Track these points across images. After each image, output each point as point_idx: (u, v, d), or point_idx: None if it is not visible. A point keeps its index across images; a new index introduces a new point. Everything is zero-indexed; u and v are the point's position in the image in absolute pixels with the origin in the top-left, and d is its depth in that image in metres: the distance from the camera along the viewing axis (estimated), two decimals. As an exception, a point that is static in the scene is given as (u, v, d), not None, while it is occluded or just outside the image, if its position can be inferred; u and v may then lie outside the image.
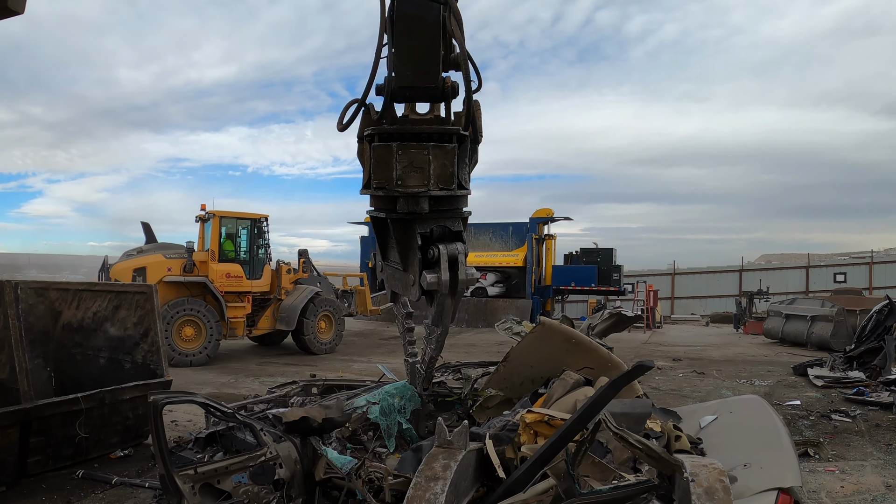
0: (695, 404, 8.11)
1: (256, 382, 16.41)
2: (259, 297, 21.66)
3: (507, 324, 9.40)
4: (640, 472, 4.87)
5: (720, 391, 15.08)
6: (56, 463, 8.77)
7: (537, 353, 7.26)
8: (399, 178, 4.17)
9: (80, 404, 8.67)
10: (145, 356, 10.34)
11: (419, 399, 8.21)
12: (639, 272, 46.84)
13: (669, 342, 27.13)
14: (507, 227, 38.23)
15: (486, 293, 36.24)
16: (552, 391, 6.39)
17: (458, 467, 4.42)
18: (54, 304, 11.67)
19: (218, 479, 5.66)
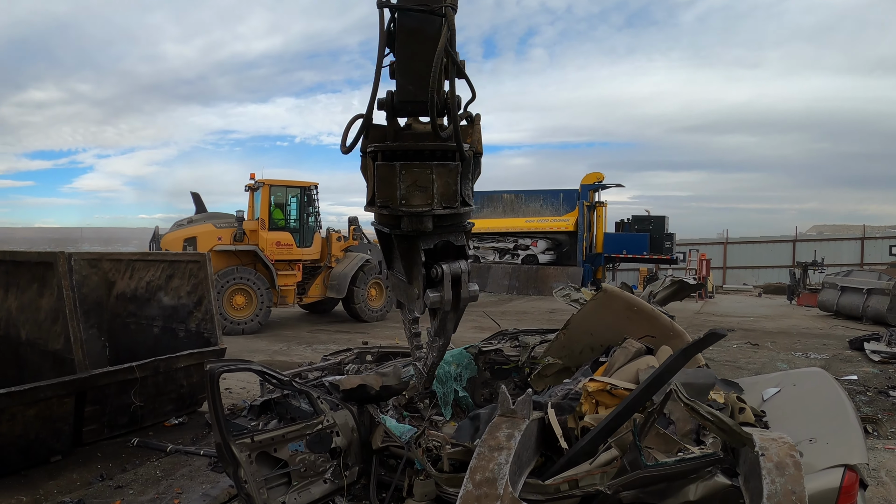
0: (757, 376, 7.93)
1: (308, 350, 16.46)
2: (309, 265, 21.69)
3: (565, 290, 9.26)
4: (704, 445, 4.74)
5: (775, 363, 14.87)
6: (111, 431, 8.83)
7: (598, 320, 7.11)
8: (403, 198, 4.14)
9: (135, 373, 8.70)
10: (199, 324, 10.37)
11: (475, 367, 8.13)
12: (691, 241, 46.10)
13: (722, 312, 26.81)
14: (557, 193, 37.97)
15: (536, 260, 36.10)
16: (613, 360, 6.25)
17: (521, 437, 4.33)
18: (108, 274, 11.72)
19: (274, 447, 5.61)
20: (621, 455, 4.49)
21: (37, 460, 7.87)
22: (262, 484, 5.43)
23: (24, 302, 9.55)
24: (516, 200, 39.25)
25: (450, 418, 7.50)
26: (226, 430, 5.30)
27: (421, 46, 4.07)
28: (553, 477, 4.52)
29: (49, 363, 8.85)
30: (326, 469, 5.90)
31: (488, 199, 39.89)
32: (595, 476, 4.40)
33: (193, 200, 22.86)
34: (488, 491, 3.86)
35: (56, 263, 8.35)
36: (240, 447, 5.34)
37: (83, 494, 7.14)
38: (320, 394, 6.21)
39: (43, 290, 9.02)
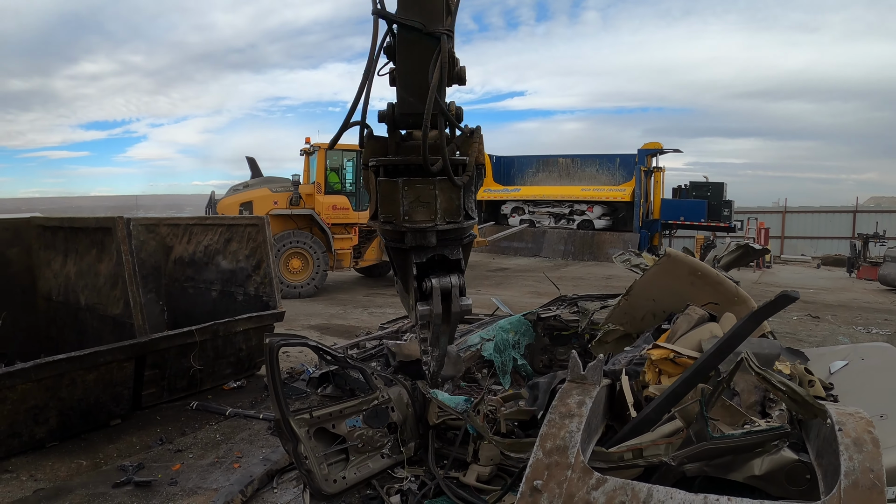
0: (822, 348, 7.75)
1: (365, 314, 16.49)
2: (365, 228, 21.61)
3: (625, 255, 9.12)
4: (770, 418, 4.62)
5: (837, 337, 14.57)
6: (170, 395, 8.90)
7: (661, 285, 6.97)
8: (406, 214, 4.12)
9: (194, 337, 8.72)
10: (257, 288, 10.39)
11: (534, 333, 8.05)
12: (748, 209, 45.40)
13: (780, 283, 26.27)
14: (613, 158, 37.71)
15: (592, 226, 35.87)
16: (676, 327, 6.11)
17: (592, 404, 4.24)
18: (165, 239, 11.78)
19: (332, 423, 5.62)
20: (686, 426, 4.38)
21: (97, 424, 7.93)
22: (322, 459, 5.44)
23: (83, 268, 9.61)
24: (572, 165, 39.06)
25: (508, 387, 7.45)
26: (285, 407, 5.33)
27: (421, 59, 4.02)
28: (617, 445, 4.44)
29: (109, 328, 8.89)
30: (384, 444, 5.91)
31: (544, 164, 39.80)
32: (660, 447, 4.31)
33: (249, 165, 22.96)
34: (559, 459, 3.77)
35: (114, 228, 8.36)
36: (299, 423, 5.36)
37: (143, 458, 7.18)
38: (374, 369, 6.21)
39: (102, 255, 9.05)
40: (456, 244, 4.47)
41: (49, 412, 7.37)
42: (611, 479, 3.65)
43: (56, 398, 7.39)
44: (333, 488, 5.47)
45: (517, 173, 40.34)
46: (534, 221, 37.62)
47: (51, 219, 11.44)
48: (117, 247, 8.33)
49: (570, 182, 38.54)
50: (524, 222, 36.91)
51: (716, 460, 4.10)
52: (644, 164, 34.72)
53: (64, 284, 10.20)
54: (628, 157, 36.37)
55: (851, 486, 3.33)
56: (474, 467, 5.85)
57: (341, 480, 5.53)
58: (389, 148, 4.30)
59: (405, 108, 4.15)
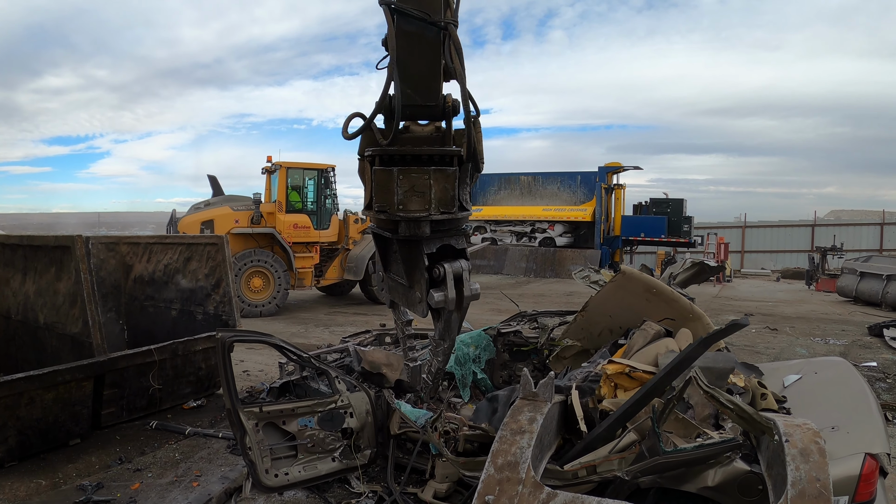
0: (777, 362, 7.89)
1: (326, 332, 16.48)
2: (327, 247, 21.70)
3: (585, 272, 9.22)
4: (723, 430, 4.72)
5: (794, 348, 14.81)
6: (130, 414, 8.85)
7: (617, 302, 7.07)
8: (400, 203, 4.13)
9: (153, 356, 8.71)
10: (217, 307, 10.38)
11: (494, 348, 8.12)
12: (709, 224, 45.87)
13: (740, 297, 26.71)
14: (574, 176, 37.95)
15: (554, 243, 36.06)
16: (632, 342, 6.21)
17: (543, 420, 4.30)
18: (125, 258, 11.75)
19: (283, 419, 5.69)
20: (640, 440, 4.47)
21: (56, 444, 7.89)
22: (267, 453, 5.51)
23: (42, 286, 9.58)
24: (533, 183, 39.27)
25: (468, 400, 7.52)
26: (235, 397, 5.45)
27: (419, 50, 4.07)
28: (571, 462, 4.51)
29: (67, 347, 8.88)
30: (336, 448, 5.96)
31: (505, 182, 39.99)
32: (613, 462, 4.39)
33: (210, 183, 22.92)
34: (510, 475, 3.84)
35: (73, 247, 8.36)
36: (248, 415, 5.45)
37: (102, 477, 7.16)
38: (339, 374, 6.23)
39: (60, 273, 9.03)
40: (460, 234, 4.51)
41: (7, 431, 7.33)
42: (561, 494, 3.72)
43: (14, 417, 7.35)
44: (274, 482, 5.55)
45: (479, 191, 40.41)
46: (496, 239, 37.76)
47: (10, 236, 11.39)
48: (76, 265, 8.33)
49: (531, 200, 38.76)
50: (486, 240, 37.04)
51: (669, 473, 4.18)
52: (605, 181, 35.01)
53: (23, 303, 10.15)
54: (589, 174, 36.63)
55: (798, 495, 3.43)
56: (432, 484, 5.90)
57: (283, 476, 5.62)
58: (386, 139, 4.29)
59: (403, 99, 4.17)
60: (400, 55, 4.07)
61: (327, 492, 6.43)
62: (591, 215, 34.88)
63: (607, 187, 35.27)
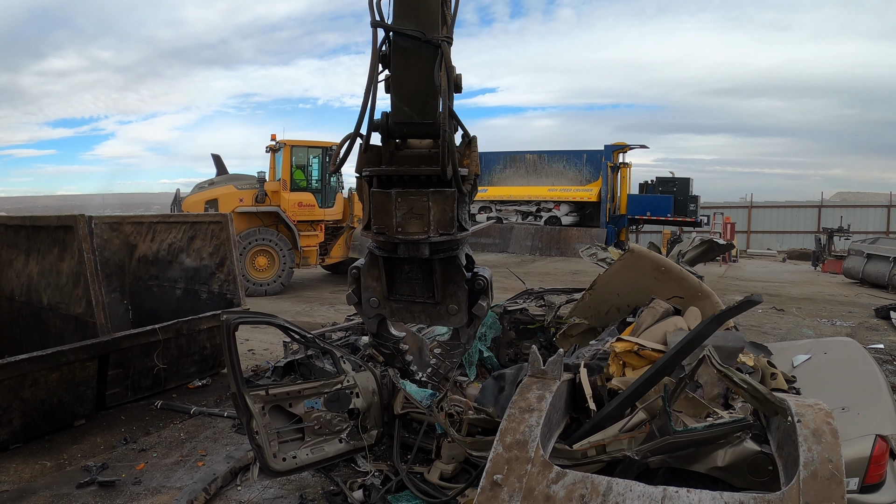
0: (786, 342, 7.86)
1: (332, 311, 16.46)
2: (331, 225, 21.73)
3: (592, 250, 9.15)
4: (733, 409, 4.67)
5: (801, 329, 14.73)
6: (134, 394, 8.85)
7: (625, 280, 7.00)
8: (399, 225, 4.15)
9: (158, 335, 8.69)
10: (221, 286, 10.35)
11: (500, 326, 8.07)
12: (715, 204, 45.63)
13: (746, 277, 26.60)
14: (580, 154, 37.80)
15: (559, 222, 35.95)
16: (640, 320, 6.14)
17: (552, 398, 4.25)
18: (129, 237, 11.71)
19: (290, 402, 5.64)
20: (649, 419, 4.42)
21: (60, 424, 7.88)
22: (274, 436, 5.47)
23: (45, 267, 9.53)
24: (539, 161, 39.15)
25: (474, 378, 7.47)
26: (240, 380, 5.39)
27: (416, 68, 4.06)
28: (580, 441, 4.46)
29: (71, 327, 8.84)
30: (343, 429, 5.92)
31: (511, 160, 39.88)
32: (623, 441, 4.34)
33: (214, 163, 22.87)
34: (519, 454, 3.79)
35: (76, 227, 8.32)
36: (253, 398, 5.41)
37: (107, 458, 7.15)
38: (344, 353, 6.18)
39: (63, 254, 8.98)
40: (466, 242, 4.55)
41: (12, 413, 7.31)
42: (570, 473, 3.67)
43: (19, 399, 7.33)
44: (282, 466, 5.50)
45: (484, 170, 40.23)
46: (501, 218, 37.68)
47: (12, 217, 11.38)
48: (79, 245, 8.28)
49: (537, 178, 38.66)
50: (491, 219, 36.96)
51: (679, 452, 4.13)
52: (611, 159, 34.86)
53: (26, 284, 10.11)
54: (595, 153, 36.49)
55: (810, 476, 3.37)
56: (438, 465, 5.87)
57: (291, 459, 5.57)
58: (383, 157, 4.29)
59: (399, 117, 4.16)
60: (397, 73, 4.09)
61: (333, 471, 6.41)
62: (597, 195, 34.75)
63: (613, 166, 35.12)
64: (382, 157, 4.29)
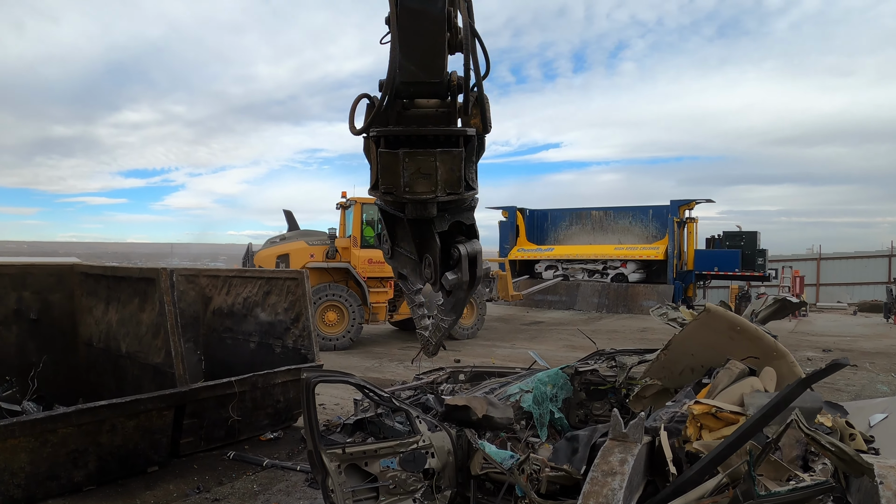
0: (862, 401, 7.73)
1: (401, 367, 16.49)
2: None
3: (663, 309, 9.11)
4: (813, 471, 4.63)
5: (875, 386, 14.41)
6: (207, 444, 9.00)
7: (700, 340, 6.97)
8: (407, 185, 4.14)
9: (234, 388, 8.86)
10: (296, 341, 10.48)
11: (571, 387, 8.06)
12: (782, 257, 44.99)
13: (817, 332, 26.05)
14: (646, 210, 37.53)
15: (626, 279, 35.68)
16: (716, 381, 6.11)
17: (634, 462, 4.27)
18: (204, 290, 11.96)
19: (366, 461, 5.66)
20: (731, 484, 4.40)
21: (134, 470, 8.08)
22: (349, 495, 5.49)
23: (125, 316, 9.77)
24: (605, 218, 38.98)
25: (545, 440, 7.45)
26: (318, 438, 5.42)
27: (423, 27, 4.06)
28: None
29: (149, 376, 9.03)
30: (417, 489, 5.90)
31: (577, 217, 39.77)
32: (707, 506, 4.32)
33: (286, 218, 23.14)
34: (602, 517, 3.80)
35: (158, 279, 8.54)
36: (330, 456, 5.43)
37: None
38: (419, 413, 6.21)
39: (144, 304, 9.21)
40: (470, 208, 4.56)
41: (88, 456, 7.55)
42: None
43: (96, 443, 7.56)
44: None
45: (550, 227, 40.35)
46: (567, 276, 37.53)
47: (94, 266, 11.69)
48: (160, 297, 8.49)
49: (603, 235, 38.47)
50: (558, 277, 36.83)
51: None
52: (677, 214, 34.54)
53: (105, 331, 10.38)
54: (661, 208, 36.18)
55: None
56: (515, 527, 5.84)
57: None
58: (390, 117, 4.32)
59: (407, 76, 4.16)
60: (404, 32, 4.07)
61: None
62: (664, 254, 34.42)
63: (679, 221, 34.79)
64: (389, 118, 4.32)
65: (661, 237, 35.39)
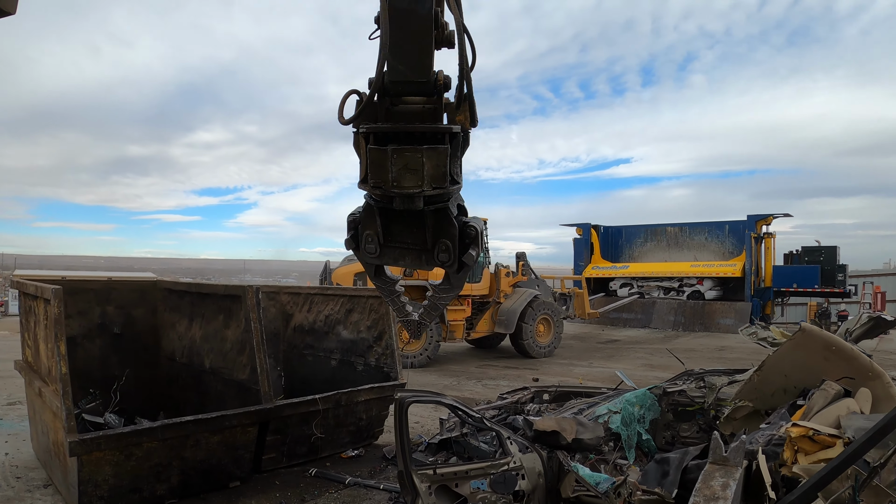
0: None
1: (479, 385, 16.46)
2: (478, 300, 21.74)
3: (752, 329, 8.96)
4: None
5: (969, 406, 13.98)
6: (290, 461, 9.05)
7: (794, 360, 6.81)
8: (394, 180, 4.19)
9: (318, 405, 8.87)
10: (378, 359, 10.51)
11: (658, 408, 7.94)
12: (862, 272, 43.94)
13: (901, 350, 25.39)
14: (722, 226, 37.01)
15: (702, 297, 35.20)
16: (812, 403, 5.97)
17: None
18: (285, 307, 12.06)
19: (456, 482, 5.61)
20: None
21: (216, 485, 8.16)
22: None
23: (209, 332, 9.87)
24: (680, 234, 38.54)
25: (632, 462, 7.34)
26: (409, 459, 5.40)
27: (412, 27, 4.14)
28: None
29: (233, 392, 9.09)
30: (507, 511, 5.84)
31: (652, 233, 39.40)
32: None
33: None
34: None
35: (244, 297, 8.61)
36: (421, 478, 5.40)
37: (263, 522, 7.27)
38: (511, 434, 6.15)
39: (229, 321, 9.28)
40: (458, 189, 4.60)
41: (171, 470, 7.65)
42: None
43: (179, 458, 7.67)
44: None
45: (625, 244, 40.13)
46: (643, 293, 37.15)
47: (178, 283, 11.87)
48: (246, 314, 8.56)
49: (679, 252, 38.03)
50: (633, 294, 36.48)
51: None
52: (754, 230, 33.91)
53: (188, 346, 10.51)
54: (737, 223, 35.59)
55: None
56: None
57: None
58: (379, 114, 4.39)
59: (395, 75, 4.25)
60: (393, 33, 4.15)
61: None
62: (741, 270, 33.83)
63: (757, 236, 34.19)
64: (378, 114, 4.38)
65: (737, 253, 34.82)
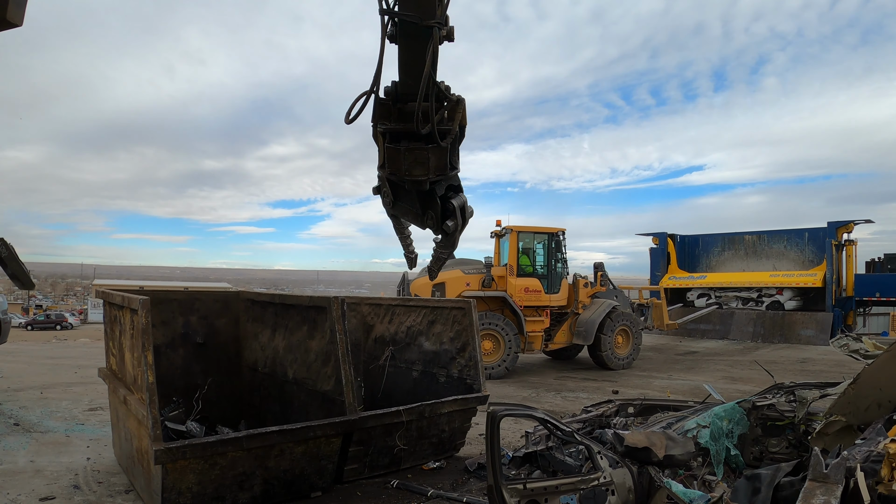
0: None
1: (558, 397, 16.36)
2: (556, 311, 21.64)
3: (844, 340, 8.77)
4: None
5: None
6: (371, 472, 9.09)
7: (890, 373, 6.64)
8: (406, 170, 5.26)
9: (402, 417, 8.89)
10: (461, 371, 10.49)
11: (747, 422, 7.82)
12: (945, 280, 42.75)
13: None
14: (802, 233, 36.11)
15: (782, 307, 34.51)
16: (909, 418, 5.82)
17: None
18: (366, 318, 12.13)
19: (546, 497, 5.56)
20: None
21: (298, 495, 8.23)
22: None
23: (293, 343, 9.94)
24: (758, 242, 37.81)
25: (720, 477, 7.22)
26: (499, 474, 5.38)
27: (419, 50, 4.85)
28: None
29: (317, 403, 9.14)
30: (596, 528, 5.78)
31: (729, 242, 38.76)
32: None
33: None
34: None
35: (330, 308, 8.67)
36: (511, 492, 5.38)
37: (346, 533, 7.29)
38: (601, 449, 6.10)
39: (313, 332, 9.34)
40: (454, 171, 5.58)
41: (254, 480, 7.76)
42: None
43: (263, 467, 7.77)
44: None
45: (702, 253, 39.50)
46: (721, 304, 36.59)
47: (260, 294, 12.01)
48: (331, 326, 8.62)
49: (756, 261, 37.30)
50: (711, 305, 35.94)
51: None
52: (834, 237, 33.01)
53: (271, 357, 10.62)
54: (817, 231, 34.64)
55: None
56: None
57: None
58: (392, 115, 5.31)
59: (405, 88, 5.15)
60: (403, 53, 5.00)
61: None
62: (822, 280, 33.03)
63: (837, 244, 33.30)
64: (391, 115, 5.31)
65: (817, 262, 33.96)
